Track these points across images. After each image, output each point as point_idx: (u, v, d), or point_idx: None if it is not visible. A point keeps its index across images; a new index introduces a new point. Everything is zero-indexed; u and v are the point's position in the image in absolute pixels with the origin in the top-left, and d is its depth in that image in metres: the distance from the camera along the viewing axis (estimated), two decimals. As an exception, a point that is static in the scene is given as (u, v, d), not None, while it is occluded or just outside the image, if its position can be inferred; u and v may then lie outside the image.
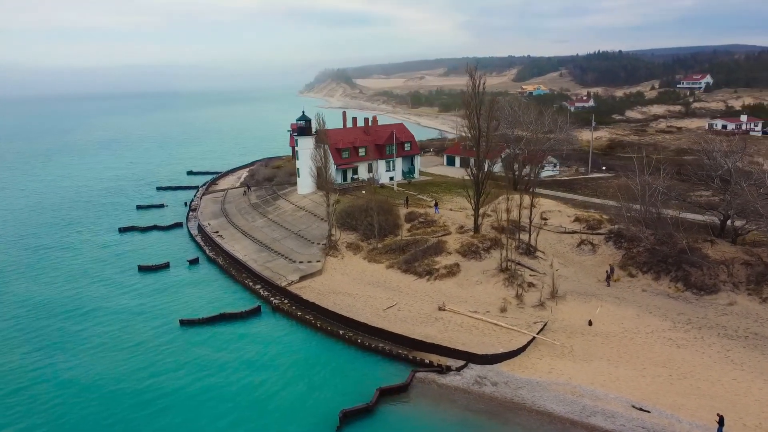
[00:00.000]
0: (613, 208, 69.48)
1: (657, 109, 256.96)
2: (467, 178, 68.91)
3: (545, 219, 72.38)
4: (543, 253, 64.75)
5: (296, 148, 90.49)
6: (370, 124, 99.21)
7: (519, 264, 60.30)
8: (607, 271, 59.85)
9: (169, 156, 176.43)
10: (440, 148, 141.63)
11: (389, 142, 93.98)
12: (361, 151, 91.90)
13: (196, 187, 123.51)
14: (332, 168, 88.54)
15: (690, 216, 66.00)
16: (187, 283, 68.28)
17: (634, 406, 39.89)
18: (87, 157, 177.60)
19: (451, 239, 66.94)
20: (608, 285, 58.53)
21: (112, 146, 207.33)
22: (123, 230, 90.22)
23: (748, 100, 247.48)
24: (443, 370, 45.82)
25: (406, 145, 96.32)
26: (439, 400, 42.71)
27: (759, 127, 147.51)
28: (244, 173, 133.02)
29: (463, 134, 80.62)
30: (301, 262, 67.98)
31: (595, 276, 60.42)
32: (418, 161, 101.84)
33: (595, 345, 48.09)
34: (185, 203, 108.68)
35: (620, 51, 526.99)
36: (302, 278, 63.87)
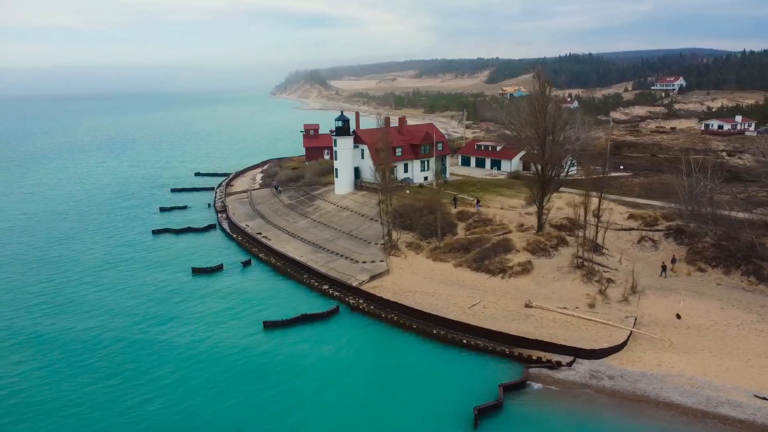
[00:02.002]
0: (665, 205, 71.37)
1: (639, 110, 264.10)
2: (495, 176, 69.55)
3: (597, 217, 73.62)
4: (607, 249, 65.94)
5: (334, 149, 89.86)
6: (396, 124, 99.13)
7: (590, 261, 61.27)
8: (663, 264, 61.51)
9: (167, 158, 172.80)
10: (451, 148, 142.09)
11: (424, 142, 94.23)
12: (398, 151, 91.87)
13: (211, 189, 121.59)
14: (372, 168, 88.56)
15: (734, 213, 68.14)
16: (249, 285, 67.23)
17: (756, 396, 41.08)
18: (82, 160, 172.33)
19: (514, 237, 67.60)
20: (665, 277, 60.16)
21: (102, 148, 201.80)
22: (156, 232, 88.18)
23: (724, 102, 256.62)
24: (554, 365, 46.34)
25: (439, 145, 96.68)
26: (560, 395, 43.21)
27: (752, 128, 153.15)
28: (256, 174, 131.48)
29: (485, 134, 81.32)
30: (364, 262, 67.65)
31: (667, 276, 61.76)
32: (449, 162, 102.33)
33: (692, 338, 49.31)
34: (208, 204, 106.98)
35: (590, 53, 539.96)
36: (372, 278, 63.59)
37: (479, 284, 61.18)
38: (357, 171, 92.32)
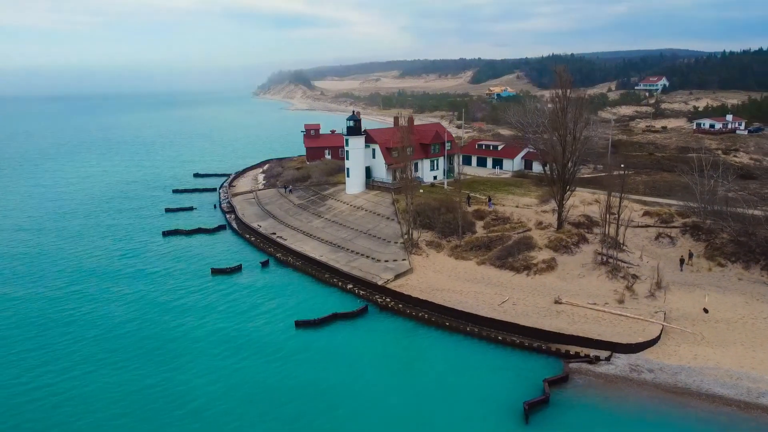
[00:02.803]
0: (676, 202, 72.70)
1: (625, 110, 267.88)
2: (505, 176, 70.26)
3: (612, 214, 74.72)
4: (626, 246, 66.95)
5: (346, 148, 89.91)
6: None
7: (613, 258, 62.19)
8: (682, 257, 62.86)
9: (162, 159, 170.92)
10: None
11: (434, 141, 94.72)
12: (409, 151, 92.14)
13: (213, 189, 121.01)
14: (384, 167, 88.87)
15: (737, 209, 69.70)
16: (271, 285, 67.13)
17: (795, 386, 42.12)
18: (75, 162, 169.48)
19: (535, 235, 68.35)
20: (681, 270, 61.47)
21: (92, 150, 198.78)
22: (167, 234, 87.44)
23: (708, 101, 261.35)
24: (593, 360, 47.05)
25: (447, 144, 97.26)
26: (603, 389, 43.86)
27: (743, 126, 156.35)
28: (258, 174, 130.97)
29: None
30: (386, 261, 67.89)
31: (683, 269, 62.92)
32: (457, 161, 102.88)
33: (723, 331, 50.38)
34: (214, 206, 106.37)
35: (572, 54, 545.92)
36: (397, 277, 63.88)
37: (505, 281, 61.78)
38: (368, 171, 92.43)
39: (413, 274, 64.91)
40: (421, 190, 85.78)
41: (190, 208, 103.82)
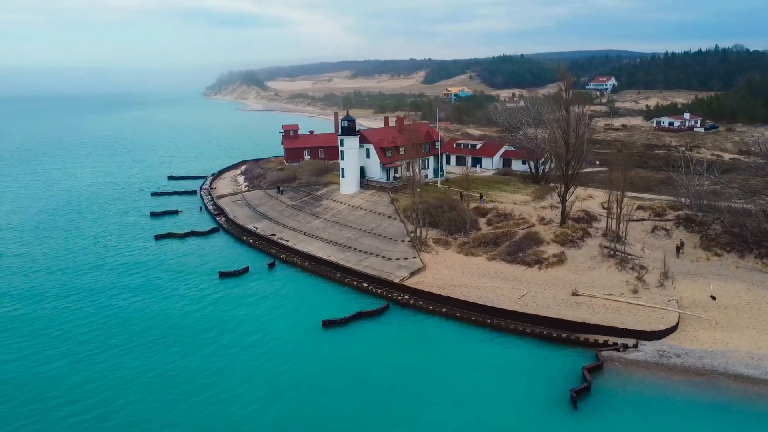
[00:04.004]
0: (666, 196, 76.29)
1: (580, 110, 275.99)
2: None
3: (619, 209, 77.78)
4: (626, 239, 69.86)
5: (340, 148, 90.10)
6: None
7: (623, 252, 64.86)
8: (677, 246, 66.45)
9: (130, 162, 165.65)
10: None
11: (425, 141, 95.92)
12: (401, 150, 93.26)
13: (193, 192, 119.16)
14: (379, 167, 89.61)
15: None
16: (283, 286, 67.17)
17: (811, 364, 45.31)
18: (37, 166, 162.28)
19: (540, 231, 70.47)
20: (678, 257, 64.94)
21: (49, 153, 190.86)
22: (159, 237, 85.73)
23: (658, 101, 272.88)
24: (621, 348, 49.21)
25: (436, 144, 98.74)
26: (637, 374, 46.11)
27: (699, 124, 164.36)
28: (236, 176, 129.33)
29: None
30: (397, 259, 68.71)
31: (681, 257, 66.22)
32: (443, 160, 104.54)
33: (733, 317, 53.52)
34: (200, 208, 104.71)
35: (522, 55, 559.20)
36: (412, 274, 64.79)
37: (518, 276, 63.58)
38: (361, 170, 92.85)
39: (427, 272, 65.96)
40: (418, 189, 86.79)
41: (176, 212, 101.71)
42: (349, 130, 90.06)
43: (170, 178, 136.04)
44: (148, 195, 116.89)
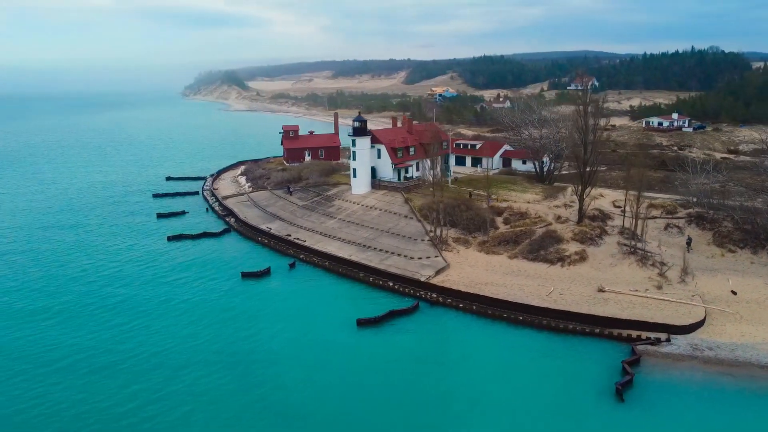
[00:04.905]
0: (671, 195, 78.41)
1: (565, 110, 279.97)
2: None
3: (618, 207, 79.76)
4: (644, 237, 71.63)
5: (352, 149, 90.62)
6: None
7: (643, 250, 66.52)
8: (687, 241, 68.68)
9: (123, 163, 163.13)
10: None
11: (433, 141, 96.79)
12: (411, 151, 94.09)
13: (195, 193, 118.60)
14: (390, 167, 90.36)
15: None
16: (308, 285, 67.57)
17: (838, 355, 47.28)
18: (26, 168, 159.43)
19: (558, 229, 71.88)
20: (689, 251, 67.27)
21: (36, 155, 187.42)
22: (172, 239, 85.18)
23: (640, 101, 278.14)
24: (654, 342, 50.72)
25: (444, 144, 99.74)
26: (675, 367, 47.66)
27: (687, 124, 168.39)
28: (237, 176, 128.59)
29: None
30: (420, 258, 69.54)
31: (696, 253, 68.18)
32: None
33: (756, 310, 55.51)
34: (206, 209, 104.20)
35: (502, 55, 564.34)
36: (437, 273, 65.66)
37: (542, 273, 64.86)
38: (372, 171, 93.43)
39: (451, 270, 66.90)
40: (431, 189, 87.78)
41: (182, 213, 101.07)
42: (361, 130, 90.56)
43: (168, 178, 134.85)
44: (149, 196, 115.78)
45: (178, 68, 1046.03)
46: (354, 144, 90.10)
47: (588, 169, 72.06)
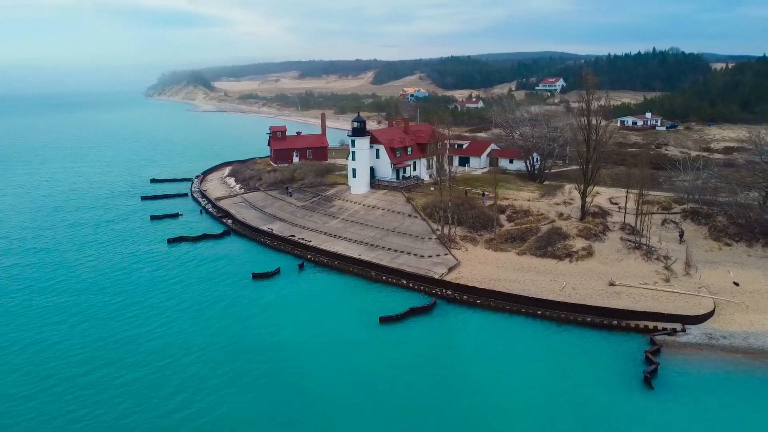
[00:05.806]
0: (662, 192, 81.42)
1: (536, 110, 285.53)
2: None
3: (616, 203, 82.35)
4: (647, 232, 74.15)
5: (351, 149, 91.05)
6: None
7: (647, 245, 68.89)
8: (680, 231, 72.45)
9: (101, 165, 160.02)
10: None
11: (430, 141, 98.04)
12: (409, 150, 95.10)
13: (184, 195, 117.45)
14: (389, 167, 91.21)
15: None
16: (320, 285, 67.86)
17: (843, 340, 50.17)
18: (13, 169, 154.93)
19: (562, 226, 73.83)
20: (681, 242, 70.73)
21: (13, 156, 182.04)
22: (172, 241, 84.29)
23: (610, 101, 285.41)
24: (671, 332, 52.87)
25: (439, 144, 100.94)
26: (693, 355, 49.79)
27: (659, 123, 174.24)
28: (225, 177, 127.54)
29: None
30: (430, 257, 70.59)
31: (695, 247, 70.96)
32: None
33: (760, 300, 58.31)
34: (200, 211, 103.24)
35: (469, 56, 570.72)
36: (449, 270, 66.79)
37: (551, 269, 66.60)
38: (371, 171, 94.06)
39: (462, 267, 68.12)
40: (433, 188, 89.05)
41: (176, 215, 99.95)
42: (360, 130, 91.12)
43: (153, 180, 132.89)
44: (137, 199, 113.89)
45: (141, 68, 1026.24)
46: (353, 144, 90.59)
47: (591, 167, 73.94)
